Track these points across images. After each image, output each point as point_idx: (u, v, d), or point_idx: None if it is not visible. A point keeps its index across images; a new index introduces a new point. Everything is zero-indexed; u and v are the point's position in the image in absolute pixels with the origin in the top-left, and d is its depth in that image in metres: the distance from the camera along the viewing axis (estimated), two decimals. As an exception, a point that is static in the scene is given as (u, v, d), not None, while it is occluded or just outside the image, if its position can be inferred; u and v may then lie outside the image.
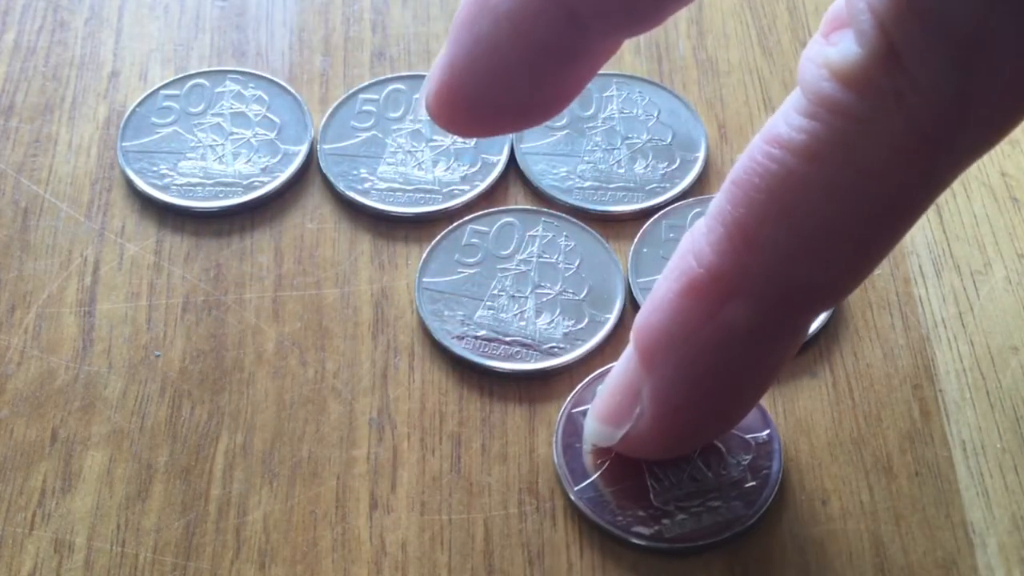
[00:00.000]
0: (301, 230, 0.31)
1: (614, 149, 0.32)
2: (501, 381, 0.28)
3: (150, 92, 0.33)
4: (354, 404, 0.28)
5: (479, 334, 0.29)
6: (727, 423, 0.26)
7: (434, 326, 0.29)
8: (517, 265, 0.30)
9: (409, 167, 0.32)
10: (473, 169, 0.32)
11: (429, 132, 0.33)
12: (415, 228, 0.31)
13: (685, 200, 0.31)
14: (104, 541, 0.26)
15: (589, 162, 0.32)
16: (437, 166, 0.32)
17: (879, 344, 0.29)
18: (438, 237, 0.31)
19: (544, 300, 0.30)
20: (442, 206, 0.31)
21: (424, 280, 0.30)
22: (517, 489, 0.27)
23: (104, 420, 0.27)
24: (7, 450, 0.27)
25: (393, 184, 0.32)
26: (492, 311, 0.29)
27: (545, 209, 0.31)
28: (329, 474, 0.27)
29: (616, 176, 0.32)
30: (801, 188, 0.21)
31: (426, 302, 0.29)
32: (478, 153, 0.32)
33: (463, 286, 0.30)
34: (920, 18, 0.19)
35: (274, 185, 0.31)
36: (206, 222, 0.31)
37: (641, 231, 0.31)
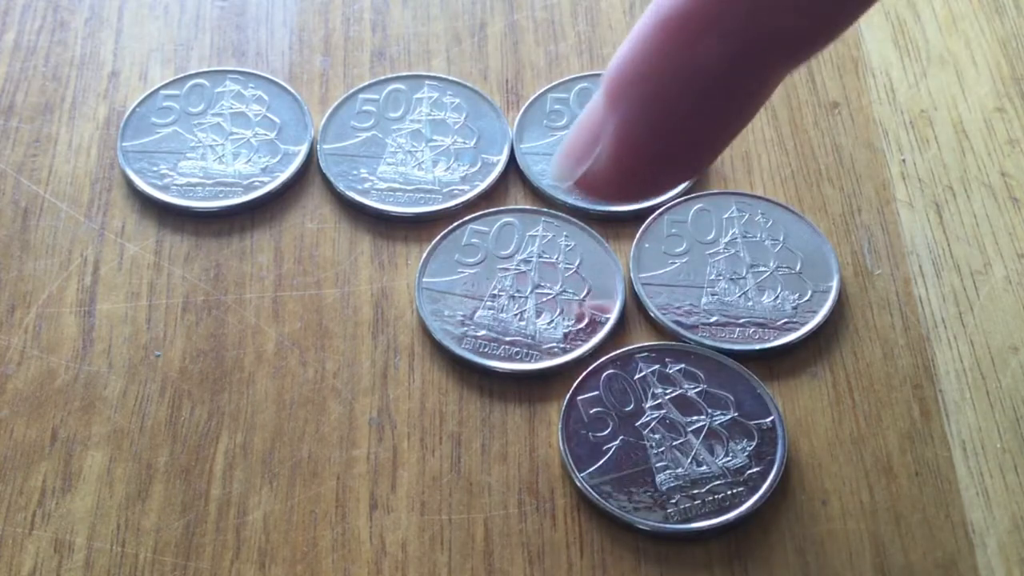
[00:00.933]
0: (301, 230, 0.31)
1: (614, 149, 0.32)
2: (501, 381, 0.28)
3: (150, 92, 0.33)
4: (354, 404, 0.28)
5: (479, 334, 0.29)
6: (684, 170, 0.26)
7: (434, 326, 0.29)
8: (517, 265, 0.30)
9: (409, 167, 0.32)
10: (473, 169, 0.32)
11: (429, 132, 0.33)
12: (415, 228, 0.31)
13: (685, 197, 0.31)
14: (104, 541, 0.26)
15: (589, 162, 0.32)
16: (437, 166, 0.32)
17: (879, 344, 0.29)
18: (438, 237, 0.31)
19: (544, 300, 0.30)
20: (442, 206, 0.31)
21: (424, 280, 0.30)
22: (517, 489, 0.27)
23: (104, 420, 0.27)
24: (7, 450, 0.27)
25: (393, 184, 0.32)
26: (492, 311, 0.29)
27: (545, 209, 0.31)
28: (329, 474, 0.27)
29: (616, 176, 0.32)
30: None
31: (426, 302, 0.30)
32: (478, 153, 0.32)
33: (463, 286, 0.30)
34: None
35: (274, 185, 0.31)
36: (206, 222, 0.31)
37: (643, 227, 0.31)
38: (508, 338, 0.29)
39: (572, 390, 0.28)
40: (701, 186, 0.32)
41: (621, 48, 0.24)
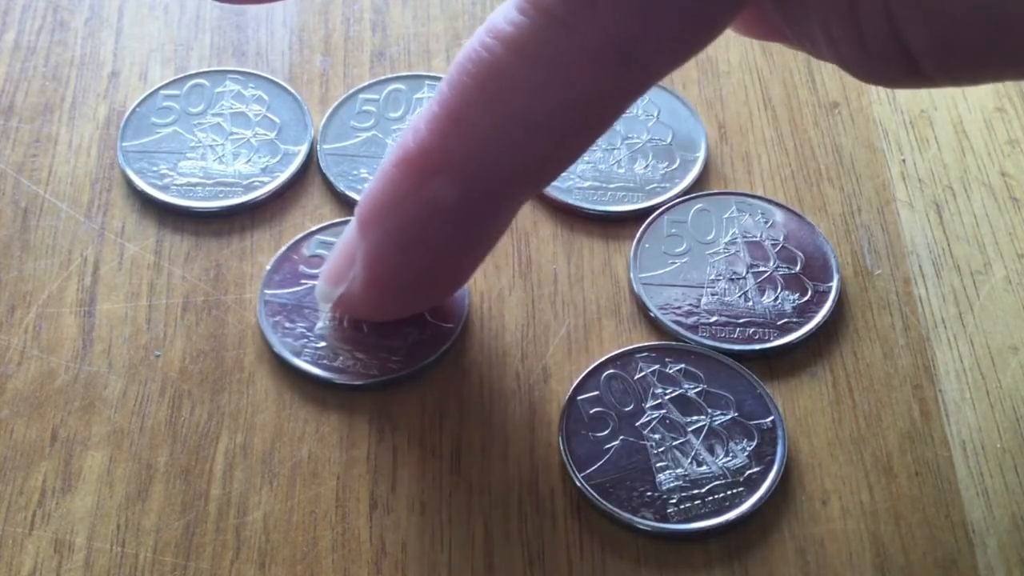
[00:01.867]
0: (301, 230, 0.31)
1: (614, 149, 0.32)
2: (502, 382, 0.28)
3: (150, 92, 0.33)
4: (354, 404, 0.28)
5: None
6: (432, 295, 0.27)
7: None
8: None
9: (409, 167, 0.32)
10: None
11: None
12: (415, 228, 0.31)
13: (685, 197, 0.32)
14: (104, 541, 0.26)
15: (589, 162, 0.32)
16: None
17: (879, 344, 0.29)
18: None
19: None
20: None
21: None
22: (517, 489, 0.27)
23: (104, 420, 0.27)
24: (7, 450, 0.27)
25: (393, 184, 0.32)
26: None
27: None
28: (329, 474, 0.27)
29: (616, 176, 0.32)
30: (506, 78, 0.22)
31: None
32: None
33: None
34: None
35: (274, 185, 0.31)
36: (206, 222, 0.31)
37: (643, 227, 0.31)
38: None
39: (572, 390, 0.28)
40: (701, 186, 0.32)
41: (372, 179, 0.25)
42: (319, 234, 0.30)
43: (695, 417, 0.27)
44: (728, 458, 0.27)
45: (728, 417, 0.27)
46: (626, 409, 0.27)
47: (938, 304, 0.30)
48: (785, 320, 0.29)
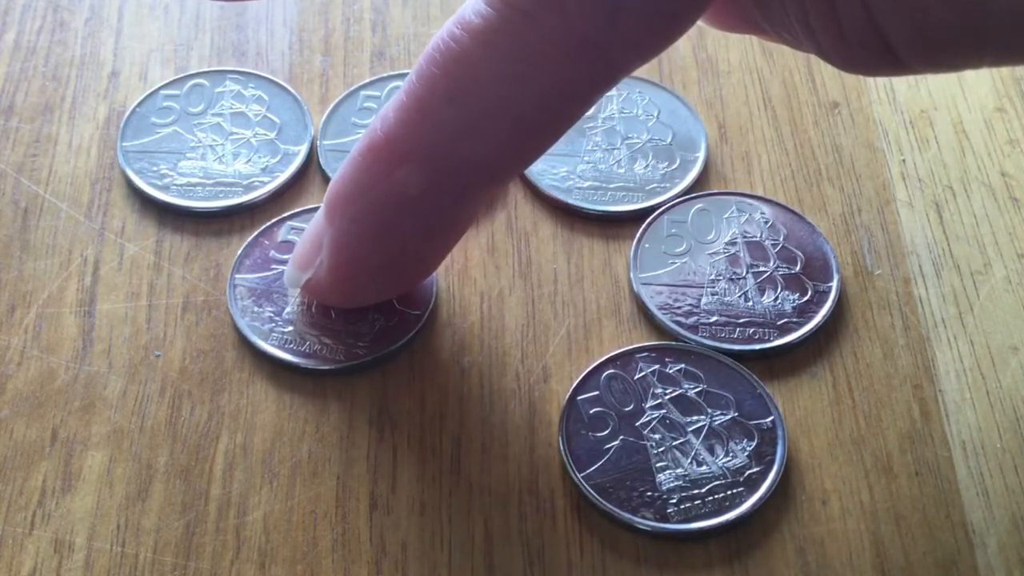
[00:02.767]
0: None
1: (614, 149, 0.32)
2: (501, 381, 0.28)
3: (150, 92, 0.33)
4: (354, 404, 0.28)
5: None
6: (398, 283, 0.28)
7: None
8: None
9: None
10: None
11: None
12: (415, 228, 0.31)
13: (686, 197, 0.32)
14: (104, 541, 0.26)
15: (589, 162, 0.32)
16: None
17: (879, 344, 0.29)
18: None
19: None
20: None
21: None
22: (517, 489, 0.27)
23: (104, 420, 0.27)
24: (7, 450, 0.27)
25: (393, 184, 0.32)
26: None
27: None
28: (329, 474, 0.27)
29: (616, 176, 0.32)
30: (472, 69, 0.23)
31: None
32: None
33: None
34: None
35: (274, 185, 0.31)
36: (206, 222, 0.31)
37: (643, 227, 0.31)
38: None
39: (572, 390, 0.28)
40: (701, 186, 0.32)
41: (341, 166, 0.25)
42: (291, 220, 0.31)
43: (695, 417, 0.27)
44: (728, 458, 0.27)
45: (728, 417, 0.27)
46: (626, 409, 0.27)
47: (938, 304, 0.30)
48: (785, 320, 0.29)
